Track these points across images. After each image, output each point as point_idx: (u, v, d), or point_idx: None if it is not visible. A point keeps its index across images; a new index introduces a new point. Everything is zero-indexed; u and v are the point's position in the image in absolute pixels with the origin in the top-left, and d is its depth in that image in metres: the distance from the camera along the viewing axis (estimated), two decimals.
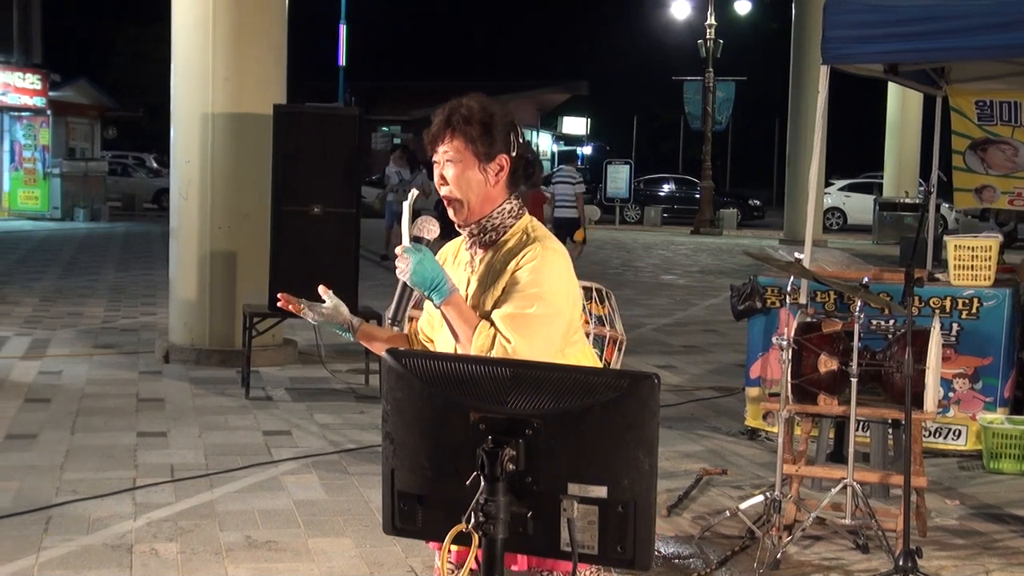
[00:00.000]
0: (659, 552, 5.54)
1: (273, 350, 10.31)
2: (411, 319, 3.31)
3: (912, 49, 7.03)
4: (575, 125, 59.02)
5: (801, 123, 26.39)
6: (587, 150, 56.10)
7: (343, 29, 39.09)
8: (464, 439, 2.48)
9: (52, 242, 23.64)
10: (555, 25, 69.60)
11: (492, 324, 2.98)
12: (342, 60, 39.53)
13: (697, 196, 36.18)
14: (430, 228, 3.03)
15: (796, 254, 6.33)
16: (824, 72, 7.08)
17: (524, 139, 3.13)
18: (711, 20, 34.49)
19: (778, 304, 7.42)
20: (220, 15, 10.05)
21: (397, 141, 35.57)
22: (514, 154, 3.08)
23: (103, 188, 31.78)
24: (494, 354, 2.93)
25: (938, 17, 6.76)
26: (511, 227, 3.09)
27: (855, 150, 47.22)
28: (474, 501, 2.44)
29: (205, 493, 6.41)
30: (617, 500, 2.43)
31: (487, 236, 3.09)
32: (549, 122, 58.95)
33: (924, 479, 5.89)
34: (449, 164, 3.06)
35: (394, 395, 2.59)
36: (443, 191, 3.09)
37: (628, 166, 36.23)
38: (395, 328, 3.17)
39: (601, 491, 2.43)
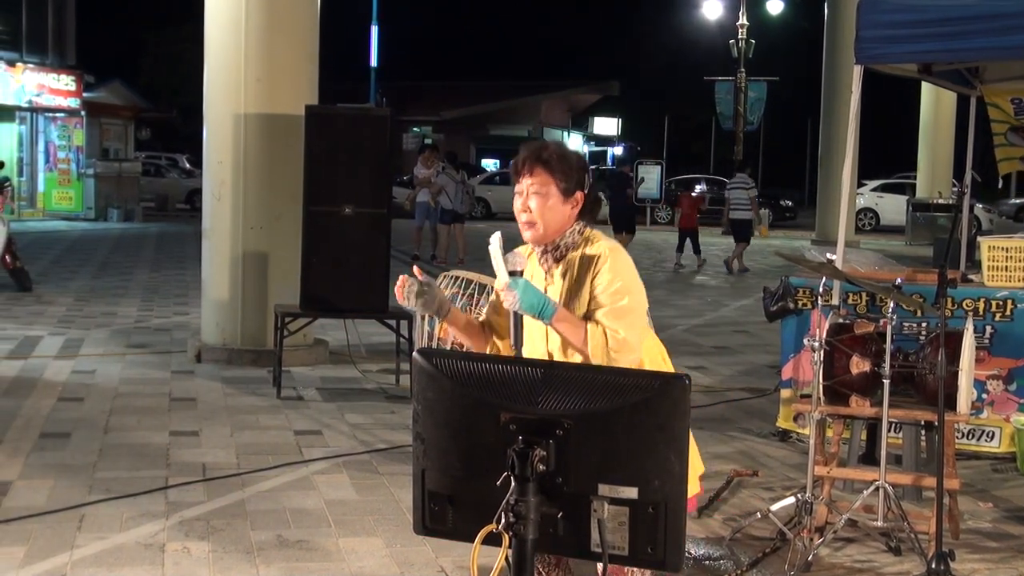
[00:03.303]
0: (690, 553, 5.53)
1: (304, 350, 10.34)
2: (478, 315, 3.91)
3: (946, 49, 6.98)
4: (606, 125, 59.00)
5: (833, 123, 26.25)
6: (618, 150, 55.98)
7: (375, 30, 39.21)
8: (494, 439, 2.48)
9: (86, 242, 23.80)
10: (586, 25, 69.56)
11: (597, 323, 3.48)
12: (374, 61, 39.65)
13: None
14: (520, 261, 3.53)
15: (828, 255, 6.30)
16: (857, 72, 7.05)
17: (593, 179, 3.69)
18: (743, 20, 34.39)
19: (810, 305, 7.39)
20: (253, 16, 10.10)
21: (428, 141, 35.61)
22: (587, 191, 3.62)
23: (137, 189, 32.01)
24: (611, 346, 3.44)
25: (972, 17, 6.71)
26: (578, 243, 3.62)
27: (888, 150, 46.93)
28: (504, 502, 2.44)
29: (237, 492, 6.44)
30: (647, 501, 2.42)
31: (558, 252, 3.61)
32: (580, 122, 58.94)
33: (957, 481, 5.85)
34: (535, 196, 3.56)
35: (425, 395, 2.59)
36: (525, 217, 3.58)
37: (659, 166, 36.06)
38: (517, 352, 3.56)
39: (631, 492, 2.43)
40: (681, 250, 21.66)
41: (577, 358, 3.59)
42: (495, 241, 3.56)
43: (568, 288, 3.56)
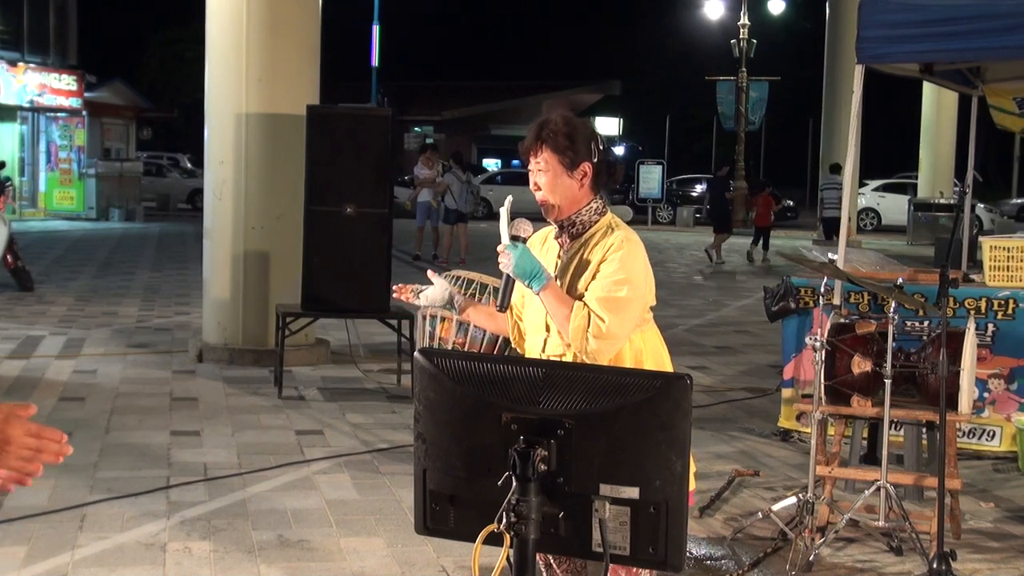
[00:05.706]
0: (691, 553, 5.53)
1: (306, 350, 10.34)
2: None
3: (948, 49, 6.97)
4: (608, 125, 58.92)
5: (835, 123, 26.29)
6: (619, 150, 55.96)
7: (376, 30, 39.21)
8: (496, 439, 2.48)
9: (87, 242, 23.81)
10: (588, 25, 69.54)
11: (586, 305, 3.45)
12: (375, 61, 39.64)
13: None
14: (525, 228, 3.55)
15: (830, 255, 6.30)
16: (859, 72, 7.04)
17: (604, 145, 3.62)
18: (744, 20, 34.36)
19: (812, 305, 7.38)
20: (254, 16, 10.10)
21: (429, 141, 35.61)
22: (595, 160, 3.57)
23: (138, 188, 32.02)
24: (590, 331, 3.42)
25: (974, 16, 6.70)
26: (596, 222, 3.59)
27: (889, 150, 46.87)
28: (506, 501, 2.44)
29: (238, 492, 6.44)
30: (649, 501, 2.42)
31: (574, 229, 3.59)
32: None
33: (958, 481, 5.85)
34: (541, 173, 3.57)
35: (426, 395, 2.59)
36: (537, 196, 3.59)
37: (660, 166, 36.03)
38: (501, 313, 3.68)
39: (633, 492, 2.42)
40: (756, 244, 23.89)
41: None
42: (507, 204, 3.66)
43: (576, 268, 3.55)
